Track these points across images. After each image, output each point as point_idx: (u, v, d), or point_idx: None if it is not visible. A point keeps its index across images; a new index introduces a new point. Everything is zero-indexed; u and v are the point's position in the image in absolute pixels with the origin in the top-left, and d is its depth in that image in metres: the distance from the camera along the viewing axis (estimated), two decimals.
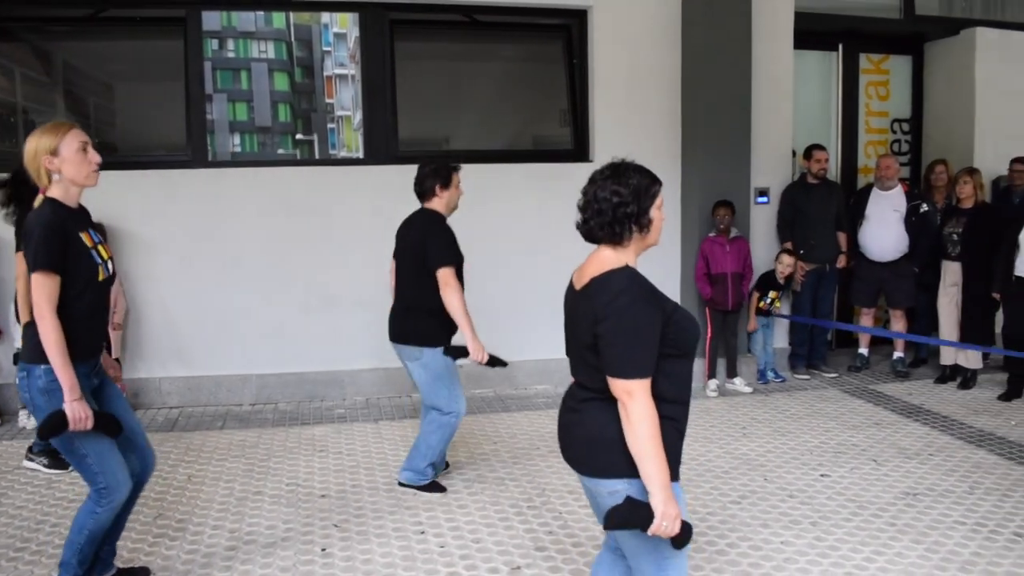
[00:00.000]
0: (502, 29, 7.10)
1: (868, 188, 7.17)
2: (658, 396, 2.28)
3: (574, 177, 6.94)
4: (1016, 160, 7.17)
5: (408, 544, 3.96)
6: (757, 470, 4.92)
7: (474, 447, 5.36)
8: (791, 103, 7.15)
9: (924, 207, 6.91)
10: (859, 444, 5.37)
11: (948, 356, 6.84)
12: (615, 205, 2.36)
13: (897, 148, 8.30)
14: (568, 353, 2.54)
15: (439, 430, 4.51)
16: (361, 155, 6.73)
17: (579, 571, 3.70)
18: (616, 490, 2.35)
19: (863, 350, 7.37)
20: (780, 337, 7.21)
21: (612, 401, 2.33)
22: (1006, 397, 6.37)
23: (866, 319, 7.33)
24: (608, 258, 2.40)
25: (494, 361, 4.43)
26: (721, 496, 4.52)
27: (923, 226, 6.85)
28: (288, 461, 5.13)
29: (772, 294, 6.74)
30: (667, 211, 6.78)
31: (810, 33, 7.53)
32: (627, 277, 2.35)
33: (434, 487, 4.62)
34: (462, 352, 4.39)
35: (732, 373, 6.70)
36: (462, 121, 7.36)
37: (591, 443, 2.41)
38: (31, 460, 4.97)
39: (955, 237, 6.57)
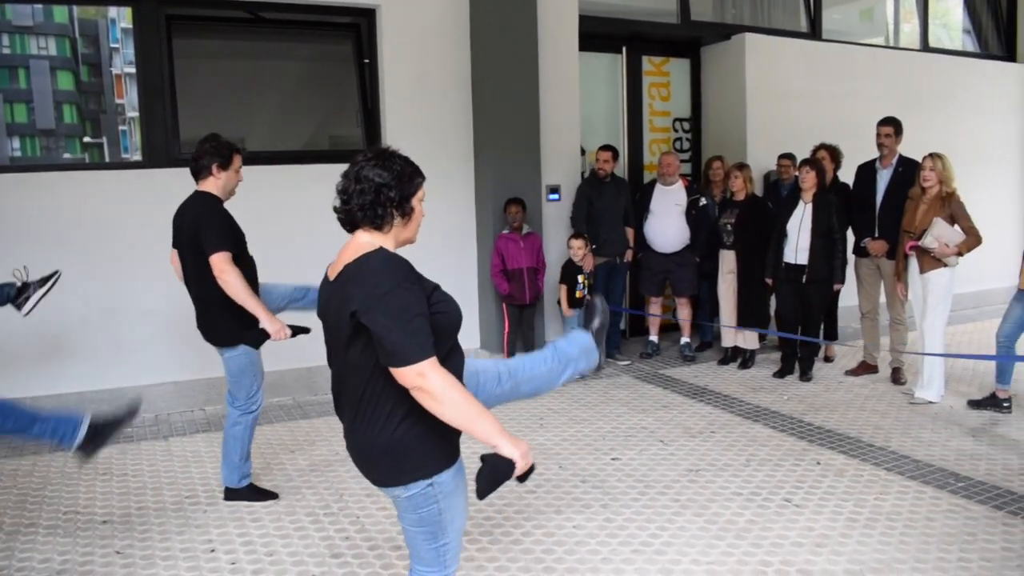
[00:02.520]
0: (290, 27, 6.93)
1: (652, 184, 7.55)
2: None
3: None
4: (783, 156, 7.75)
5: (197, 564, 3.79)
6: (552, 459, 5.06)
7: (270, 457, 5.20)
8: (578, 103, 7.41)
9: (703, 201, 7.35)
10: (648, 427, 5.64)
11: (728, 339, 7.32)
12: (378, 186, 2.32)
13: (679, 146, 8.79)
14: (331, 362, 2.46)
15: (242, 419, 4.37)
16: (140, 158, 6.38)
17: (375, 574, 3.67)
18: (396, 496, 2.39)
19: (653, 337, 7.75)
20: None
21: (391, 403, 2.28)
22: (780, 374, 6.90)
23: (654, 307, 7.72)
24: (364, 243, 2.34)
25: (297, 330, 4.24)
26: (517, 487, 4.62)
27: (702, 218, 7.29)
28: (66, 488, 4.78)
29: (580, 278, 6.92)
30: (462, 209, 7.01)
31: (595, 36, 7.85)
32: (384, 258, 2.28)
33: (261, 494, 4.48)
34: (264, 335, 4.20)
35: None
36: (255, 122, 7.12)
37: (367, 456, 2.39)
38: None
39: (729, 228, 7.03)
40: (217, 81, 6.83)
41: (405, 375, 2.17)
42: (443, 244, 6.89)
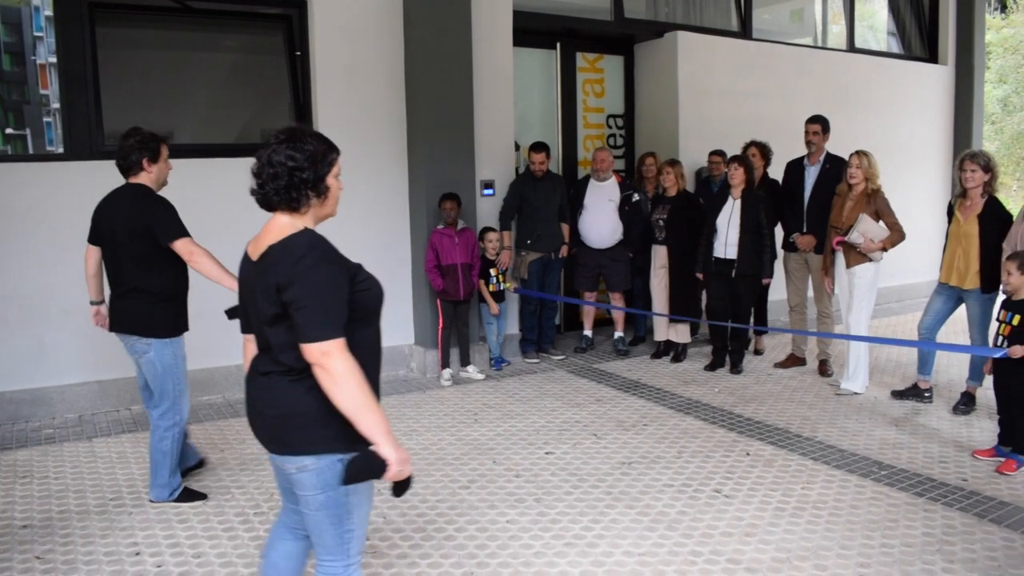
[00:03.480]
0: (219, 17, 6.78)
1: (586, 179, 7.59)
2: None
3: None
4: (713, 153, 7.87)
5: (121, 569, 3.68)
6: (487, 454, 5.06)
7: None
8: (512, 98, 7.41)
9: (636, 196, 7.42)
10: (582, 420, 5.68)
11: (661, 333, 7.40)
12: (291, 169, 2.31)
13: (612, 142, 8.86)
14: (251, 330, 2.47)
15: (168, 433, 4.26)
16: (62, 150, 6.18)
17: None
18: (304, 465, 2.35)
19: (588, 332, 7.80)
20: (511, 324, 7.48)
21: (301, 376, 2.30)
22: (711, 367, 7.01)
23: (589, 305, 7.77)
24: (285, 225, 2.36)
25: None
26: (451, 482, 4.61)
27: (635, 214, 7.36)
28: None
29: (492, 271, 6.95)
30: (396, 203, 6.96)
31: (530, 32, 7.85)
32: (308, 239, 2.31)
33: (190, 495, 4.37)
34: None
35: (465, 361, 6.85)
36: (183, 114, 6.94)
37: (282, 421, 2.37)
38: None
39: (661, 223, 7.11)
40: (143, 72, 6.64)
41: (310, 351, 2.22)
42: (377, 238, 6.84)
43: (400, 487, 2.36)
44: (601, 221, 7.35)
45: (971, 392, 5.87)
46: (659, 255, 7.21)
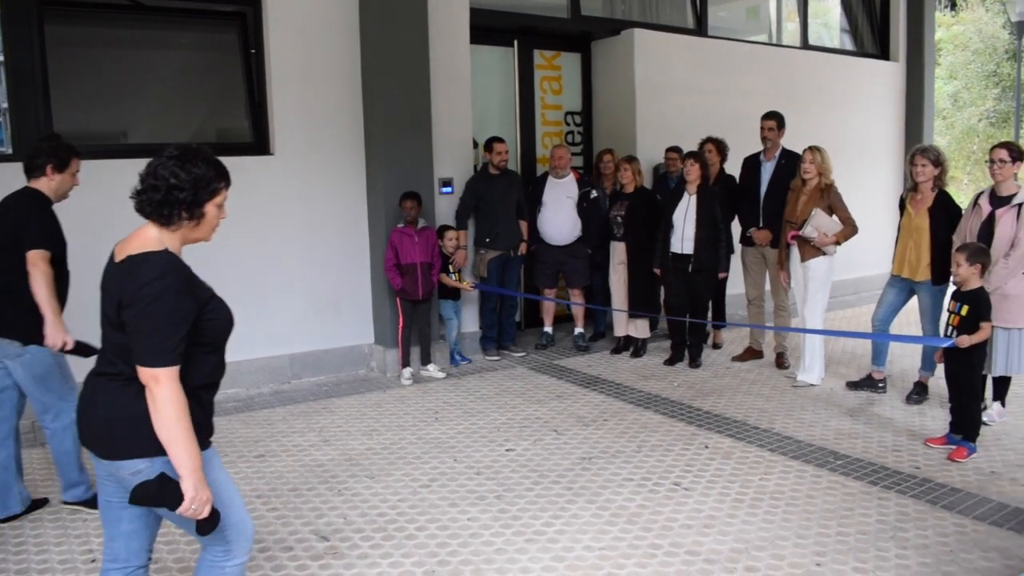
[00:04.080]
0: (173, 15, 6.68)
1: (544, 177, 7.60)
2: (188, 383, 2.31)
3: (254, 171, 6.75)
4: (670, 149, 7.92)
5: (76, 575, 3.63)
6: (447, 452, 5.05)
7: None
8: (469, 95, 7.40)
9: (594, 193, 7.45)
10: (543, 417, 5.69)
11: (621, 328, 7.45)
12: (170, 186, 2.33)
13: (570, 139, 8.88)
14: (103, 335, 2.46)
15: (66, 433, 4.17)
16: (10, 151, 6.04)
17: (266, 575, 3.59)
18: (139, 470, 2.34)
19: (548, 329, 7.82)
20: (471, 321, 7.48)
21: (131, 381, 2.31)
22: (670, 362, 7.07)
23: (549, 302, 7.79)
24: (151, 238, 2.36)
25: (83, 347, 3.95)
26: (412, 481, 4.59)
27: (593, 211, 7.39)
28: None
29: (451, 267, 6.96)
30: (354, 202, 6.91)
31: (487, 29, 7.84)
32: (163, 263, 2.31)
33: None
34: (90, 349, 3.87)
35: (426, 360, 6.83)
36: (137, 114, 6.83)
37: (110, 424, 2.37)
38: None
39: (619, 220, 7.15)
40: (95, 71, 6.53)
41: (142, 373, 2.27)
42: (336, 237, 6.79)
43: (202, 526, 2.36)
44: (560, 218, 7.37)
45: (923, 382, 5.98)
46: (618, 251, 7.25)
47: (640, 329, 7.32)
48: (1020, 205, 5.17)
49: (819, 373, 6.40)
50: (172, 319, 2.25)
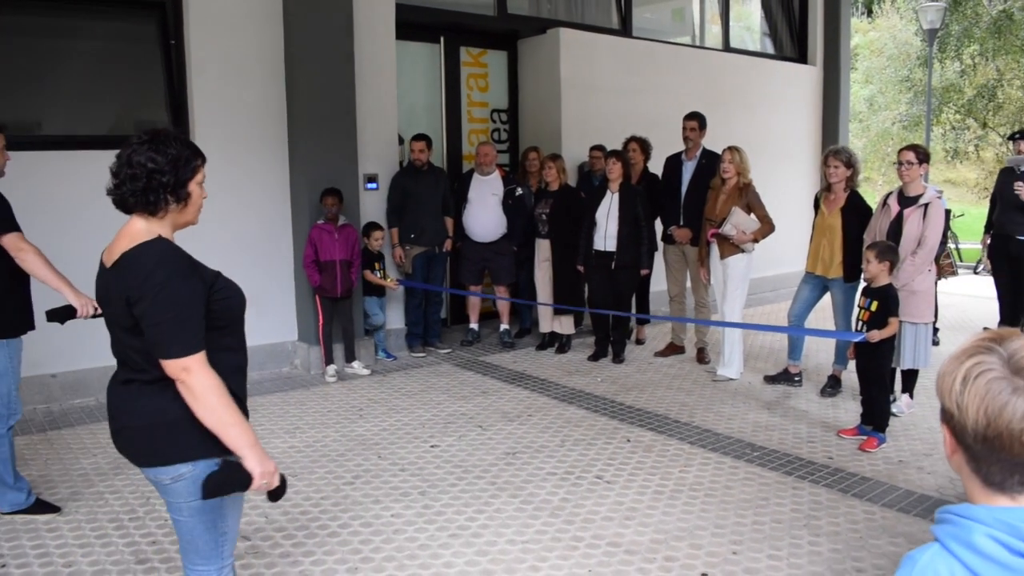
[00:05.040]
0: (90, 4, 6.48)
1: (470, 173, 7.61)
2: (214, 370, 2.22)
3: None
4: (594, 147, 8.00)
5: None
6: (372, 449, 5.02)
7: (70, 462, 4.87)
8: (395, 92, 7.35)
9: (519, 191, 7.49)
10: (467, 413, 5.70)
11: (546, 324, 7.50)
12: (150, 172, 2.23)
13: (496, 136, 8.91)
14: (114, 350, 2.37)
15: (4, 440, 4.02)
16: None
17: None
18: (181, 474, 2.27)
19: (474, 325, 7.83)
20: (397, 318, 7.45)
21: (163, 383, 2.22)
22: (594, 357, 7.15)
23: (475, 299, 7.80)
24: (140, 231, 2.26)
25: (60, 313, 3.85)
26: (335, 479, 4.56)
27: (519, 208, 7.43)
28: None
29: (376, 265, 6.94)
30: (277, 197, 6.82)
31: (413, 25, 7.81)
32: (160, 250, 2.22)
33: (43, 507, 4.15)
34: (69, 313, 3.82)
35: (350, 357, 6.78)
36: (51, 104, 6.60)
37: (150, 431, 2.28)
38: None
39: (544, 217, 7.20)
40: (7, 60, 6.30)
41: (169, 367, 2.17)
42: (258, 232, 6.68)
43: (275, 494, 2.32)
44: (485, 215, 7.39)
45: (837, 375, 6.18)
46: (543, 248, 7.30)
47: (565, 325, 7.39)
48: (926, 205, 5.38)
49: (738, 367, 6.56)
50: (185, 303, 2.16)
